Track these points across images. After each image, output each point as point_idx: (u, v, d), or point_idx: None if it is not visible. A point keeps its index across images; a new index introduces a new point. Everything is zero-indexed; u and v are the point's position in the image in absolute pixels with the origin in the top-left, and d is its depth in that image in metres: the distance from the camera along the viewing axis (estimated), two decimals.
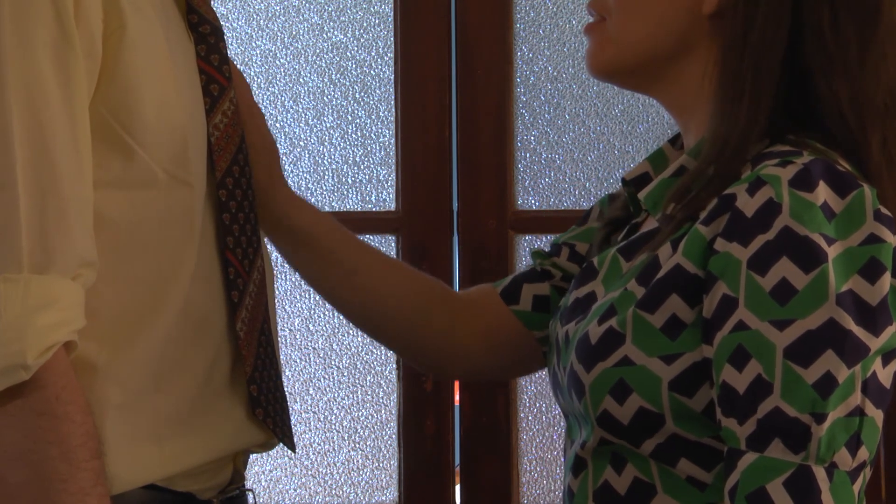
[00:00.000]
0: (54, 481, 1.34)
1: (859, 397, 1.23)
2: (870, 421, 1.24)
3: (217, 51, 1.60)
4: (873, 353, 1.24)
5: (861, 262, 1.24)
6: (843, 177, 1.26)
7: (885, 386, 1.26)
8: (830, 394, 1.21)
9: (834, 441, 1.22)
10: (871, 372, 1.24)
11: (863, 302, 1.24)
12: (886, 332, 1.25)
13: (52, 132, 1.36)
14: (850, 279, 1.23)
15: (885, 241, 1.25)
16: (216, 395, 1.58)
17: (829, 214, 1.24)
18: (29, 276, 1.34)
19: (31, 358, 1.32)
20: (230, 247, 1.58)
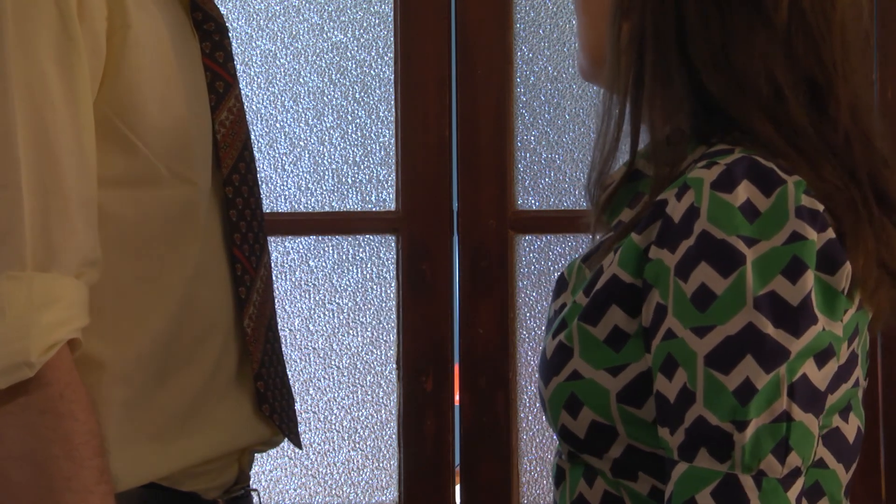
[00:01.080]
0: (58, 479, 1.34)
1: (785, 402, 1.20)
2: (798, 426, 1.20)
3: (222, 48, 1.61)
4: (797, 356, 1.20)
5: (784, 262, 1.20)
6: (766, 174, 1.23)
7: (818, 388, 1.21)
8: (750, 400, 1.19)
9: (759, 448, 1.19)
10: (799, 375, 1.20)
11: (783, 303, 1.20)
12: (810, 332, 1.20)
13: (55, 130, 1.36)
14: (771, 280, 1.20)
15: (808, 238, 1.21)
16: (223, 391, 1.58)
17: (751, 214, 1.21)
18: (32, 274, 1.34)
19: (34, 356, 1.32)
20: (237, 243, 1.58)
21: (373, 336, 2.53)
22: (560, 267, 2.55)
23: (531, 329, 2.53)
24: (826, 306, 1.23)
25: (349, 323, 2.53)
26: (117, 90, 1.44)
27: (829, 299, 1.23)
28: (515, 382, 2.51)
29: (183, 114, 1.50)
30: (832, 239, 1.23)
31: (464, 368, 2.49)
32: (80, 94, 1.39)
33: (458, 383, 2.49)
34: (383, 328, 2.53)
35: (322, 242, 2.53)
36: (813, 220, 1.22)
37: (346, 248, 2.53)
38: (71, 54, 1.38)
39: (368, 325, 2.53)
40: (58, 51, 1.37)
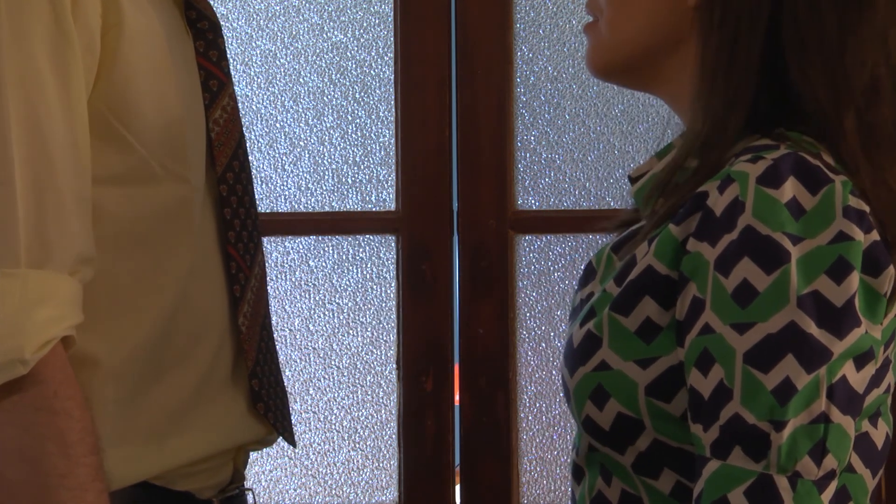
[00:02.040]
0: (52, 476, 1.34)
1: (824, 403, 1.17)
2: (836, 428, 1.18)
3: (215, 47, 1.60)
4: (839, 357, 1.18)
5: (829, 262, 1.18)
6: (814, 172, 1.20)
7: (856, 391, 1.19)
8: (789, 400, 1.16)
9: (795, 449, 1.17)
10: (839, 377, 1.18)
11: (827, 303, 1.18)
12: (853, 334, 1.18)
13: (49, 127, 1.36)
14: (815, 280, 1.18)
15: (854, 238, 1.18)
16: (217, 389, 1.58)
17: (796, 212, 1.19)
18: (27, 270, 1.34)
19: (28, 353, 1.32)
20: (231, 241, 1.58)
21: (373, 336, 2.53)
22: (560, 267, 2.55)
23: (531, 329, 2.53)
24: (868, 309, 1.20)
25: (349, 323, 2.53)
26: (112, 87, 1.44)
27: (871, 302, 1.21)
28: (515, 382, 2.51)
29: (177, 112, 1.50)
30: (877, 241, 1.21)
31: (464, 368, 2.49)
32: (74, 92, 1.39)
33: (458, 383, 2.50)
34: (383, 328, 2.53)
35: (322, 242, 2.53)
36: (860, 221, 1.19)
37: (346, 248, 2.53)
38: (65, 51, 1.38)
39: (368, 325, 2.53)
40: (52, 48, 1.37)
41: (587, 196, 2.55)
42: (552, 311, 2.53)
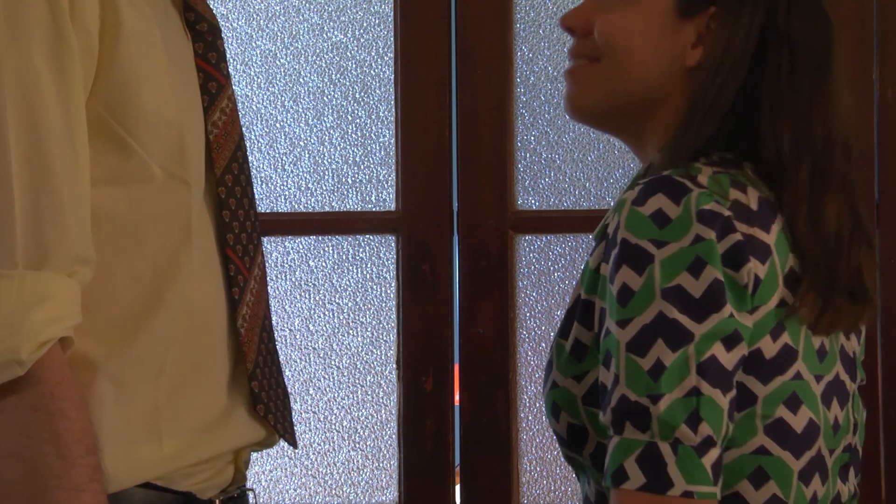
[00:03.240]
0: (49, 477, 1.34)
1: (695, 378, 1.35)
2: (707, 399, 1.35)
3: (215, 48, 1.60)
4: (702, 339, 1.36)
5: (689, 260, 1.37)
6: (676, 186, 1.39)
7: (726, 368, 1.37)
8: (661, 377, 1.36)
9: (672, 419, 1.35)
10: (707, 356, 1.36)
11: (688, 294, 1.37)
12: (712, 319, 1.37)
13: (47, 128, 1.36)
14: (678, 275, 1.37)
15: (706, 238, 1.37)
16: (217, 391, 1.58)
17: (661, 221, 1.38)
18: (24, 271, 1.34)
19: (25, 354, 1.32)
20: (230, 244, 1.58)
21: (373, 336, 2.53)
22: (560, 267, 2.55)
23: (531, 329, 2.53)
24: (735, 298, 1.38)
25: (349, 323, 2.53)
26: (110, 89, 1.44)
27: (735, 292, 1.38)
28: (515, 382, 2.51)
29: (176, 114, 1.50)
30: (739, 241, 1.39)
31: (464, 368, 2.49)
32: (72, 93, 1.39)
33: (457, 383, 2.50)
34: (383, 328, 2.53)
35: (322, 242, 2.53)
36: (713, 223, 1.38)
37: (346, 248, 2.54)
38: (63, 53, 1.38)
39: (368, 325, 2.54)
40: (50, 49, 1.37)
41: (587, 196, 2.55)
42: (552, 311, 2.53)
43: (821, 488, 1.47)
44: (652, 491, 1.37)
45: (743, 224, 1.41)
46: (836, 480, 1.50)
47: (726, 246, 1.39)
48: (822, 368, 1.47)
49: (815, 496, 1.46)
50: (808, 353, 1.46)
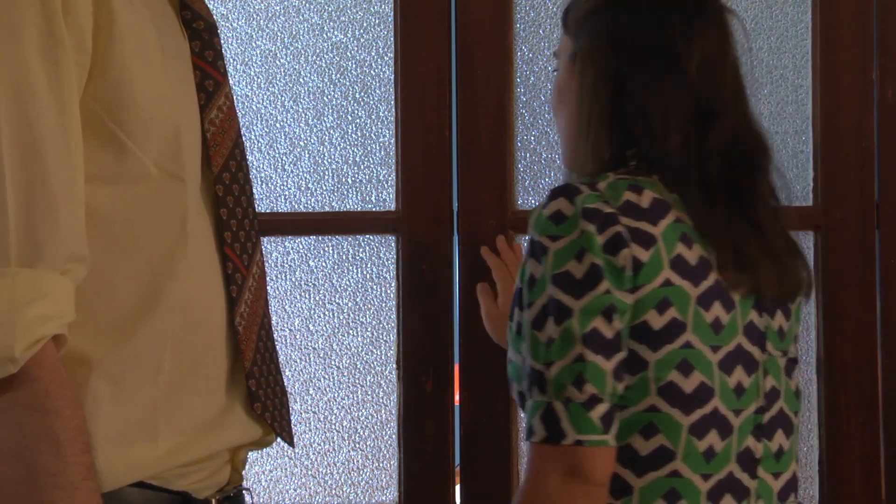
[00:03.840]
0: (43, 475, 1.34)
1: (580, 348, 1.68)
2: (591, 365, 1.68)
3: (211, 47, 1.61)
4: (582, 313, 1.68)
5: (575, 249, 1.70)
6: (572, 189, 1.74)
7: (607, 337, 1.68)
8: (552, 347, 1.68)
9: (562, 381, 1.68)
10: (590, 327, 1.68)
11: (571, 277, 1.70)
12: (588, 296, 1.69)
13: (40, 126, 1.36)
14: (567, 263, 1.70)
15: (586, 230, 1.70)
16: (213, 389, 1.58)
17: (558, 220, 1.72)
18: (17, 269, 1.34)
19: (18, 351, 1.32)
20: (228, 242, 1.58)
21: (373, 336, 2.53)
22: None
23: None
24: (613, 278, 1.69)
25: (349, 323, 2.53)
26: (105, 87, 1.44)
27: (613, 274, 1.70)
28: None
29: (172, 111, 1.50)
30: (618, 233, 1.71)
31: (464, 368, 2.49)
32: (65, 91, 1.39)
33: (458, 383, 2.49)
34: (383, 328, 2.53)
35: (322, 242, 2.53)
36: (594, 218, 1.71)
37: (346, 248, 2.53)
38: (56, 51, 1.38)
39: (368, 325, 2.53)
40: (42, 48, 1.37)
41: None
42: None
43: (719, 442, 1.74)
44: (550, 442, 1.69)
45: (629, 218, 1.72)
46: (744, 438, 1.76)
47: (606, 237, 1.70)
48: (718, 340, 1.74)
49: (710, 449, 1.73)
50: (699, 325, 1.73)
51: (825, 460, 2.51)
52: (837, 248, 2.49)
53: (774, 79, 2.58)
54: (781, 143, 2.58)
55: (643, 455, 1.72)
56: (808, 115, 2.54)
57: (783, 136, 2.57)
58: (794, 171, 2.56)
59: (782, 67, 2.57)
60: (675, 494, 1.73)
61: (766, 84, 2.58)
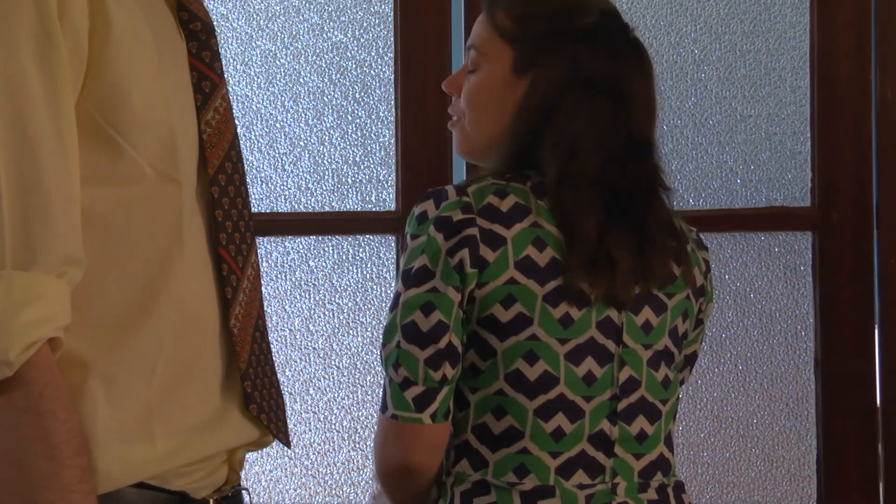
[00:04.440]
0: (38, 478, 1.34)
1: (398, 335, 1.86)
2: (404, 351, 1.86)
3: (208, 48, 1.60)
4: (405, 306, 1.86)
5: (420, 250, 1.87)
6: (441, 195, 1.89)
7: (421, 329, 1.85)
8: (386, 332, 1.89)
9: (387, 362, 1.89)
10: (408, 320, 1.86)
11: (409, 272, 1.88)
12: (411, 291, 1.86)
13: (34, 129, 1.36)
14: (414, 260, 1.87)
15: (433, 237, 1.86)
16: (210, 391, 1.57)
17: (421, 220, 1.89)
18: (12, 272, 1.34)
19: (13, 354, 1.32)
20: (223, 243, 1.58)
21: (373, 336, 2.53)
22: None
23: None
24: (444, 278, 1.85)
25: (349, 323, 2.53)
26: (100, 89, 1.44)
27: (446, 274, 1.85)
28: None
29: (167, 113, 1.50)
30: (466, 237, 1.85)
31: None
32: (60, 93, 1.39)
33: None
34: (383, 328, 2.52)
35: (322, 242, 2.53)
36: (443, 227, 1.86)
37: (346, 248, 2.54)
38: (51, 53, 1.38)
39: (368, 325, 2.54)
40: (37, 50, 1.37)
41: None
42: None
43: (568, 425, 1.88)
44: (381, 411, 1.91)
45: (485, 220, 1.86)
46: (597, 421, 1.90)
47: (451, 243, 1.86)
48: (567, 334, 1.89)
49: (559, 430, 1.88)
50: (546, 320, 1.88)
51: (822, 460, 2.52)
52: (836, 249, 2.49)
53: (773, 80, 2.58)
54: (780, 144, 2.58)
55: (496, 434, 1.89)
56: (806, 116, 2.54)
57: (781, 136, 2.57)
58: (793, 172, 2.56)
59: (780, 69, 2.58)
60: (524, 469, 1.89)
61: (765, 85, 2.59)
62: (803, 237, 2.54)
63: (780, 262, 2.59)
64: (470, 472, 1.91)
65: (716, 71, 2.65)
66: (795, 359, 2.58)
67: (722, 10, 2.61)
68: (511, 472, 1.89)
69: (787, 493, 2.59)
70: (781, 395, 2.60)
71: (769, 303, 2.59)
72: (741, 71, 2.47)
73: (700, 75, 2.64)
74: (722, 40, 2.64)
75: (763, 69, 2.55)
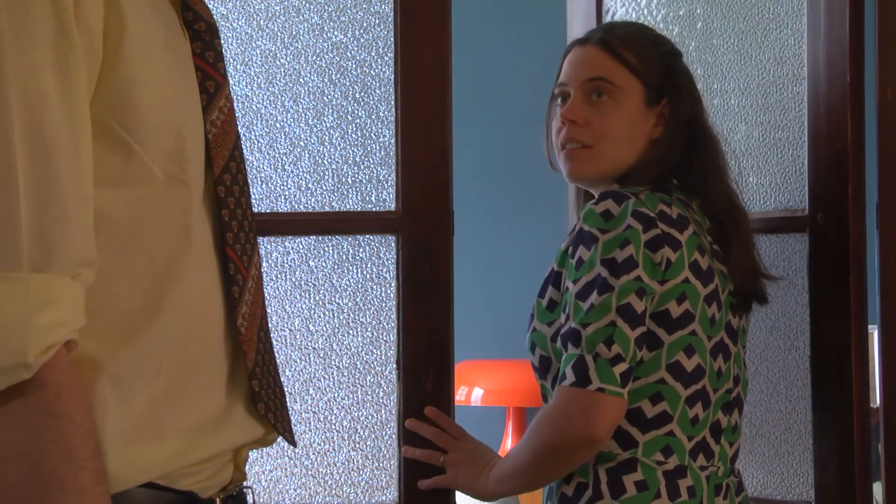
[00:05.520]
0: (55, 480, 1.34)
1: (613, 315, 2.08)
2: (619, 330, 2.08)
3: (212, 48, 1.61)
4: (620, 290, 2.09)
5: (620, 241, 2.11)
6: (621, 196, 2.14)
7: (637, 311, 2.09)
8: (590, 313, 2.09)
9: (595, 340, 2.08)
10: (625, 302, 2.08)
11: (615, 261, 2.10)
12: (623, 279, 2.09)
13: (51, 130, 1.37)
14: (612, 251, 2.10)
15: (633, 227, 2.11)
16: (215, 390, 1.58)
17: (607, 217, 2.13)
18: (29, 274, 1.34)
19: (32, 357, 1.32)
20: (229, 243, 1.58)
21: (373, 336, 2.53)
22: None
23: None
24: (650, 269, 2.11)
25: (349, 323, 2.53)
26: (113, 91, 1.44)
27: (648, 266, 2.11)
28: None
29: (177, 114, 1.50)
30: (658, 234, 2.13)
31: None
32: (76, 94, 1.39)
33: (457, 382, 2.49)
34: (383, 328, 2.53)
35: (322, 242, 2.53)
36: (640, 219, 2.12)
37: (346, 248, 2.53)
38: (67, 54, 1.38)
39: (368, 325, 2.53)
40: (54, 50, 1.37)
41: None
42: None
43: (702, 413, 2.18)
44: (578, 386, 2.08)
45: (664, 224, 2.14)
46: (716, 411, 2.21)
47: (650, 236, 2.11)
48: (712, 331, 2.18)
49: (696, 417, 2.17)
50: (703, 318, 2.16)
51: (818, 460, 2.52)
52: (835, 249, 2.49)
53: (778, 88, 2.59)
54: (781, 148, 2.58)
55: (648, 417, 2.14)
56: (805, 119, 2.54)
57: (784, 143, 2.57)
58: (794, 174, 2.56)
59: (784, 77, 2.58)
60: (669, 450, 2.15)
61: (773, 93, 2.59)
62: (801, 238, 2.54)
63: (780, 263, 2.59)
64: (618, 452, 2.15)
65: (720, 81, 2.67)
66: (794, 358, 2.58)
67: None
68: (658, 452, 2.15)
69: (784, 493, 2.59)
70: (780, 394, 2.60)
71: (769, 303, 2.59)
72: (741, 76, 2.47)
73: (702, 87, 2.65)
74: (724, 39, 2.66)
75: (770, 77, 2.55)
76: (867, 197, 2.46)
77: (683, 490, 2.14)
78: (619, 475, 2.13)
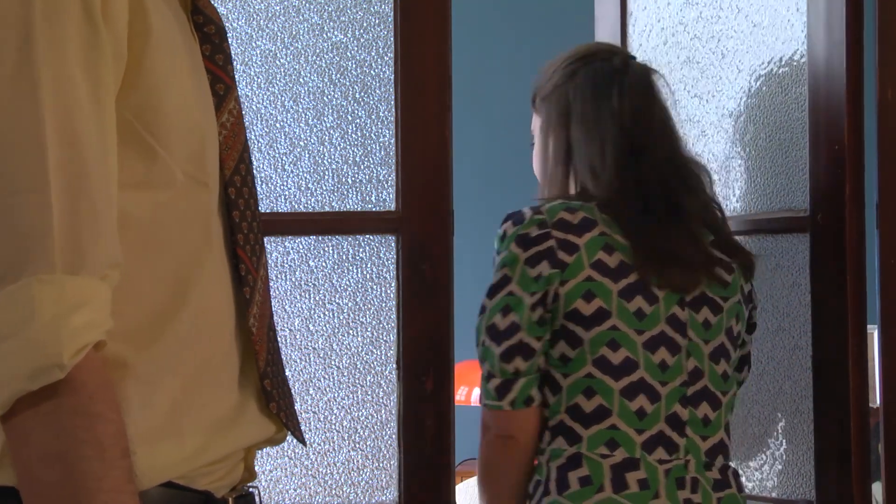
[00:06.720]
0: (89, 480, 1.35)
1: (483, 336, 2.25)
2: (487, 349, 2.24)
3: (221, 50, 1.61)
4: (490, 311, 2.24)
5: (500, 263, 2.25)
6: (517, 217, 2.26)
7: (500, 328, 2.23)
8: (477, 332, 2.28)
9: (480, 358, 2.26)
10: (491, 322, 2.23)
11: (492, 284, 2.25)
12: (496, 298, 2.23)
13: (83, 134, 1.37)
14: (497, 273, 2.25)
15: (513, 252, 2.24)
16: (228, 389, 1.59)
17: (501, 239, 2.25)
18: (63, 277, 1.35)
19: (66, 358, 1.33)
20: (241, 244, 1.59)
21: (373, 336, 2.53)
22: None
23: None
24: (523, 282, 2.22)
25: (349, 323, 2.53)
26: (137, 94, 1.44)
27: (524, 280, 2.22)
28: None
29: (196, 117, 1.51)
30: (539, 250, 2.22)
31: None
32: (104, 98, 1.39)
33: (457, 382, 2.50)
34: (383, 328, 2.53)
35: (322, 242, 2.53)
36: (521, 243, 2.24)
37: (346, 248, 2.54)
38: (98, 59, 1.39)
39: (368, 325, 2.54)
40: (85, 54, 1.38)
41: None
42: None
43: (649, 406, 2.22)
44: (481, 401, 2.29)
45: (560, 232, 2.22)
46: (671, 404, 2.24)
47: (529, 254, 2.22)
48: (642, 325, 2.23)
49: (641, 410, 2.22)
50: (623, 313, 2.22)
51: (819, 459, 2.52)
52: (834, 249, 2.50)
53: (783, 91, 2.59)
54: (779, 147, 2.59)
55: (587, 412, 2.21)
56: (806, 120, 2.55)
57: (788, 145, 2.58)
58: (796, 175, 2.57)
59: (788, 80, 2.59)
60: (614, 443, 2.20)
61: (779, 95, 2.60)
62: (801, 238, 2.55)
63: (779, 263, 2.60)
64: (565, 447, 2.22)
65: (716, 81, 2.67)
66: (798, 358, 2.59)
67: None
68: (603, 446, 2.20)
69: (785, 492, 2.60)
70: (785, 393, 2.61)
71: (768, 304, 2.60)
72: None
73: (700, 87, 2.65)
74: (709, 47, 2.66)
75: (776, 79, 2.56)
76: (867, 197, 2.46)
77: (633, 482, 2.18)
78: (565, 472, 2.20)
